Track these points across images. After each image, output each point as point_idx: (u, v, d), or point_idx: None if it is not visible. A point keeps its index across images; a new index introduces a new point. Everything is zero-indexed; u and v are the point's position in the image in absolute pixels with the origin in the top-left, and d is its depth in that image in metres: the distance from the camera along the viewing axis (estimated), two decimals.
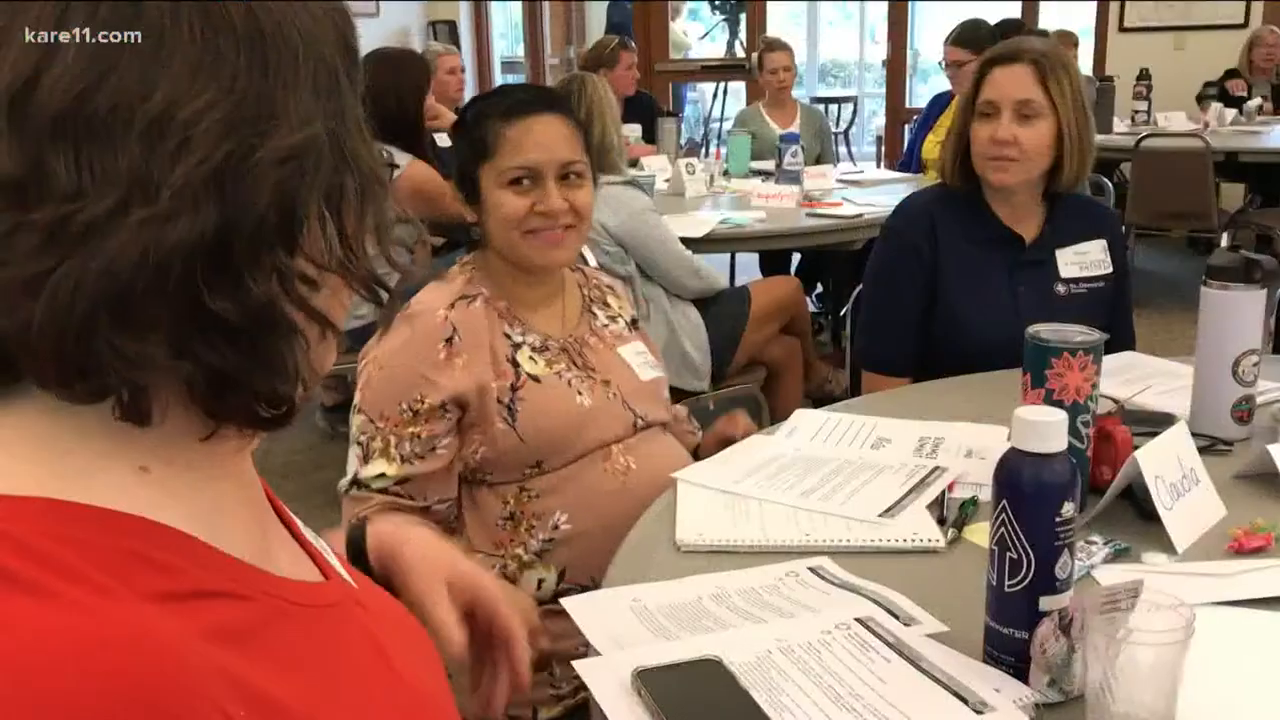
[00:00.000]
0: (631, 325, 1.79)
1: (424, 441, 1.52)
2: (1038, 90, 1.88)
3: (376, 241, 0.69)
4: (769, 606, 1.09)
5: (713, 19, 12.19)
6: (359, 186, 0.66)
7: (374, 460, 1.52)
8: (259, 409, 0.62)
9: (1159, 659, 0.85)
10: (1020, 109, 1.88)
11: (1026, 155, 1.89)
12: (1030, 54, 1.90)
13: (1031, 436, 0.93)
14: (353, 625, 0.72)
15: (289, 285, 0.61)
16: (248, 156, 0.58)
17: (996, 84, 1.91)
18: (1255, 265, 1.46)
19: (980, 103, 1.92)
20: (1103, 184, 3.98)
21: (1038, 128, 1.88)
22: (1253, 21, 7.18)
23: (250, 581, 0.63)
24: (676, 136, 4.95)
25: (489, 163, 1.59)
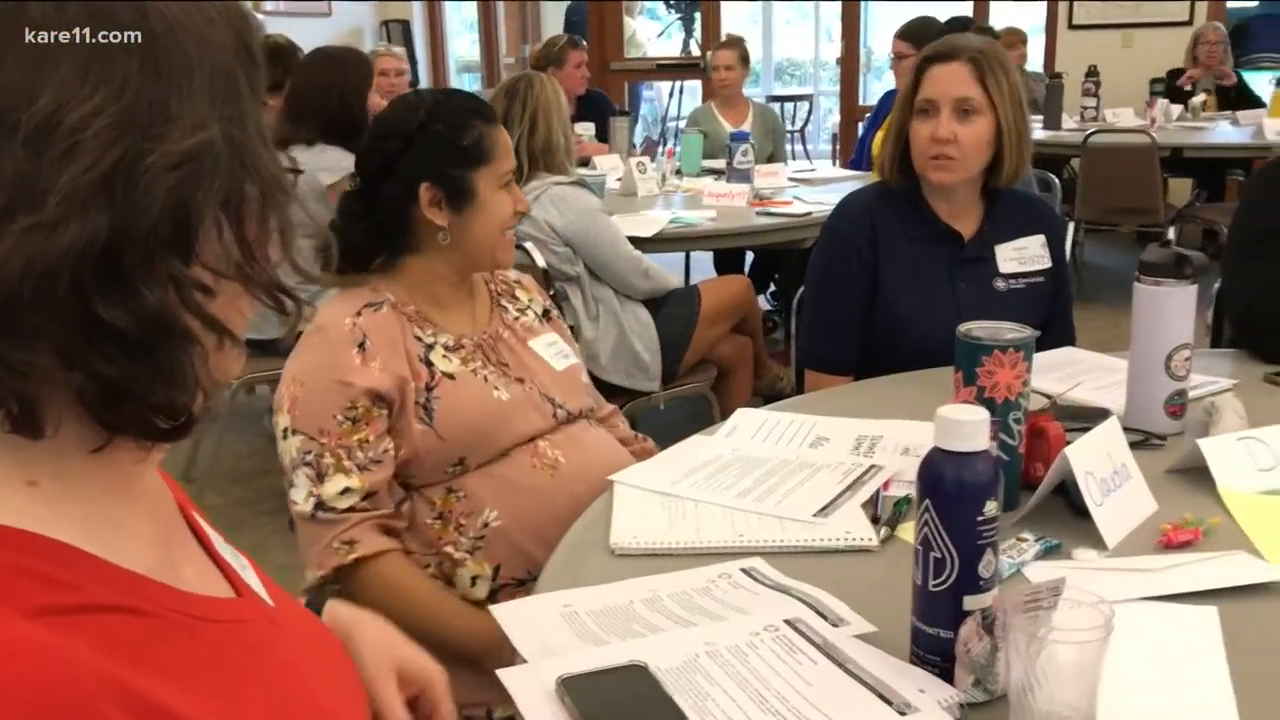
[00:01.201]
0: (544, 316, 1.79)
1: (373, 445, 1.50)
2: (976, 88, 1.88)
3: (282, 248, 0.68)
4: (699, 609, 1.09)
5: (669, 17, 12.19)
6: (260, 192, 0.64)
7: (331, 477, 1.50)
8: (155, 420, 0.60)
9: (1079, 657, 0.84)
10: (959, 106, 1.88)
11: (966, 153, 1.89)
12: (967, 52, 1.90)
13: (953, 435, 0.92)
14: (261, 642, 0.71)
15: (184, 293, 0.59)
16: (138, 162, 0.56)
17: (935, 81, 1.91)
18: (1186, 261, 1.47)
19: (919, 100, 1.92)
20: (1049, 180, 4.01)
21: (976, 125, 1.89)
22: (1197, 19, 7.29)
23: (146, 595, 0.62)
24: (629, 135, 4.94)
25: (488, 166, 1.62)
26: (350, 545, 1.48)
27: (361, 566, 1.49)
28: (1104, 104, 6.17)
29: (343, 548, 1.48)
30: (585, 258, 2.90)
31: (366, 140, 1.65)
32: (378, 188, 1.60)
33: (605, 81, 8.73)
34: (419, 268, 1.63)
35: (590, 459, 1.62)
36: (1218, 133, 5.82)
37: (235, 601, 0.72)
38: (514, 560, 1.55)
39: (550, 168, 2.94)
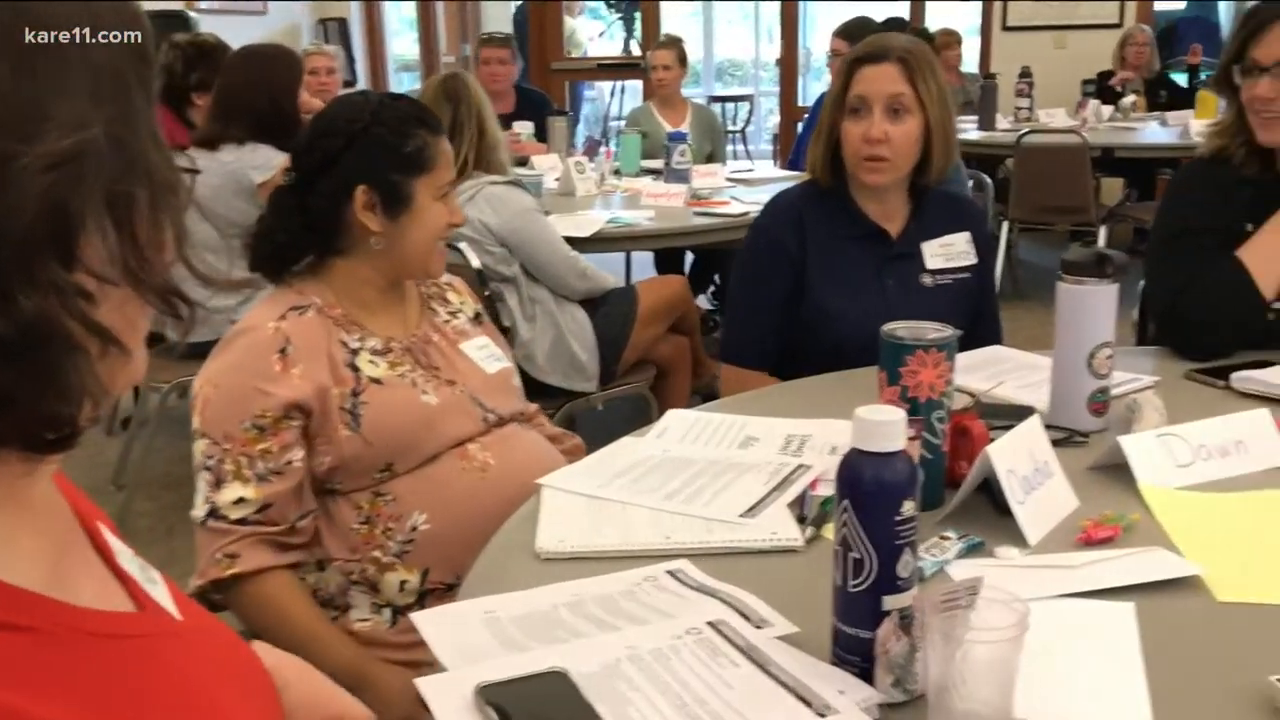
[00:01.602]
0: (475, 319, 1.78)
1: (276, 456, 1.48)
2: (906, 87, 1.91)
3: (176, 250, 0.66)
4: (623, 613, 1.08)
5: (610, 16, 12.19)
6: (150, 193, 0.62)
7: (228, 484, 1.47)
8: (38, 430, 0.58)
9: (995, 655, 0.85)
10: (891, 104, 1.90)
11: (898, 153, 1.92)
12: (896, 52, 1.92)
13: (871, 436, 0.93)
14: (162, 658, 0.69)
15: (66, 299, 0.57)
16: (9, 163, 0.54)
17: (867, 80, 1.92)
18: (1107, 260, 1.49)
19: (851, 98, 1.93)
20: (982, 180, 4.06)
21: (907, 125, 1.91)
22: (1127, 21, 7.43)
23: (36, 612, 0.60)
24: (567, 135, 4.92)
25: (428, 175, 1.60)
26: (232, 559, 1.46)
27: (241, 582, 1.46)
28: (1037, 104, 6.27)
29: (224, 560, 1.46)
30: (521, 258, 2.88)
31: (306, 136, 1.62)
32: (313, 184, 1.58)
33: (546, 81, 8.70)
34: (348, 271, 1.61)
35: (520, 461, 1.61)
36: (1147, 133, 5.93)
37: (135, 616, 0.70)
38: (443, 564, 1.54)
39: (490, 167, 2.92)
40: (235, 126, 3.25)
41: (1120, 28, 7.31)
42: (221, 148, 3.24)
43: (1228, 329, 1.84)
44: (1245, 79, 1.86)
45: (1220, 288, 1.84)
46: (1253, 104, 1.86)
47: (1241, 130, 1.92)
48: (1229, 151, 1.95)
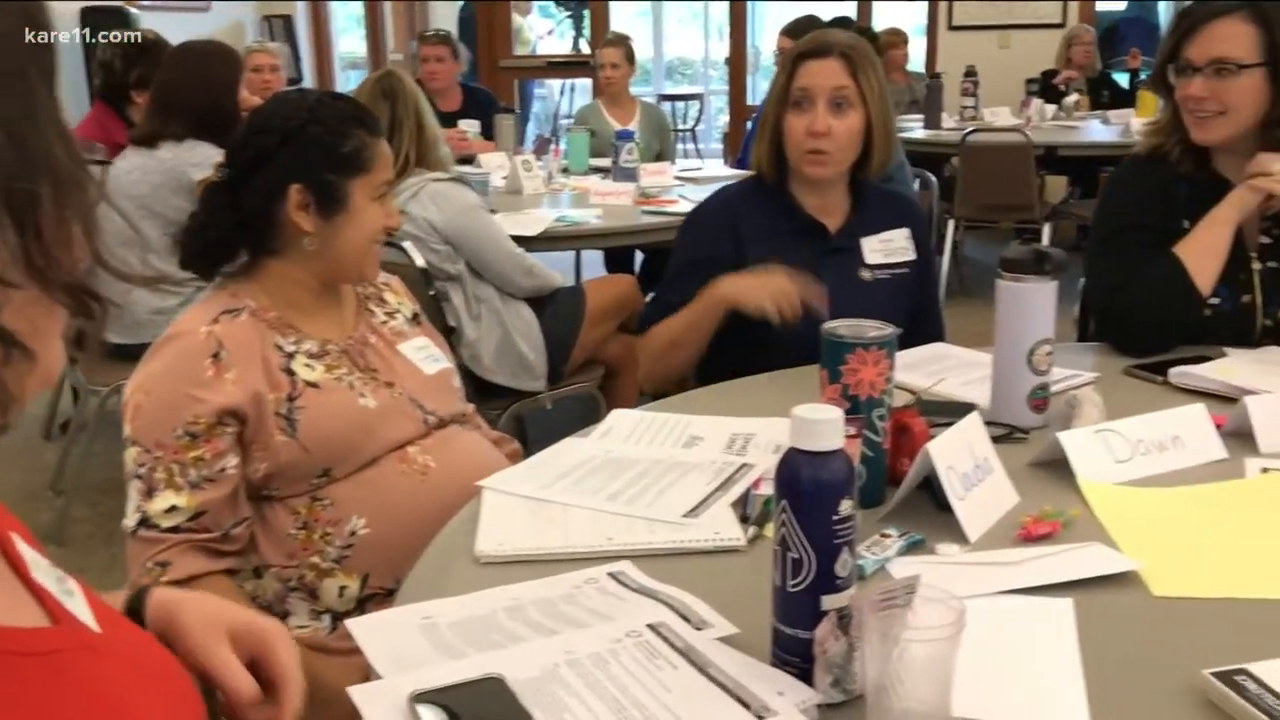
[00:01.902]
0: (413, 320, 1.75)
1: (209, 464, 1.45)
2: (849, 80, 1.93)
3: (89, 248, 0.64)
4: (563, 617, 1.07)
5: (559, 14, 12.16)
6: (54, 191, 0.60)
7: (160, 493, 1.44)
8: None
9: (933, 654, 0.85)
10: (834, 98, 1.92)
11: (840, 146, 1.93)
12: (839, 47, 1.94)
13: (808, 435, 0.92)
14: (76, 672, 0.66)
15: None
16: None
17: (811, 74, 1.94)
18: (1046, 257, 1.50)
19: (794, 91, 1.95)
20: (927, 179, 4.09)
21: (849, 119, 1.93)
22: (1070, 21, 7.53)
23: None
24: (515, 133, 4.90)
25: (365, 176, 1.57)
26: (163, 567, 1.43)
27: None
28: (982, 103, 6.33)
29: (156, 569, 1.43)
30: (466, 256, 2.85)
31: (241, 132, 1.59)
32: (246, 181, 1.55)
33: (495, 79, 8.66)
34: (281, 272, 1.58)
35: (461, 463, 1.59)
36: (1090, 131, 6.01)
37: (48, 631, 0.68)
38: (383, 569, 1.51)
39: (432, 164, 2.89)
40: (174, 124, 3.20)
41: (1063, 27, 7.40)
42: (160, 145, 3.18)
43: (1166, 325, 1.87)
44: (1179, 78, 1.89)
45: (1158, 284, 1.86)
46: (1186, 103, 1.88)
47: (1177, 129, 1.95)
48: (1165, 150, 1.97)
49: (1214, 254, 1.86)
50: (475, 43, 8.70)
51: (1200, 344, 1.87)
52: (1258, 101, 1.82)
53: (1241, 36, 1.81)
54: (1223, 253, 1.86)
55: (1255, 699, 0.87)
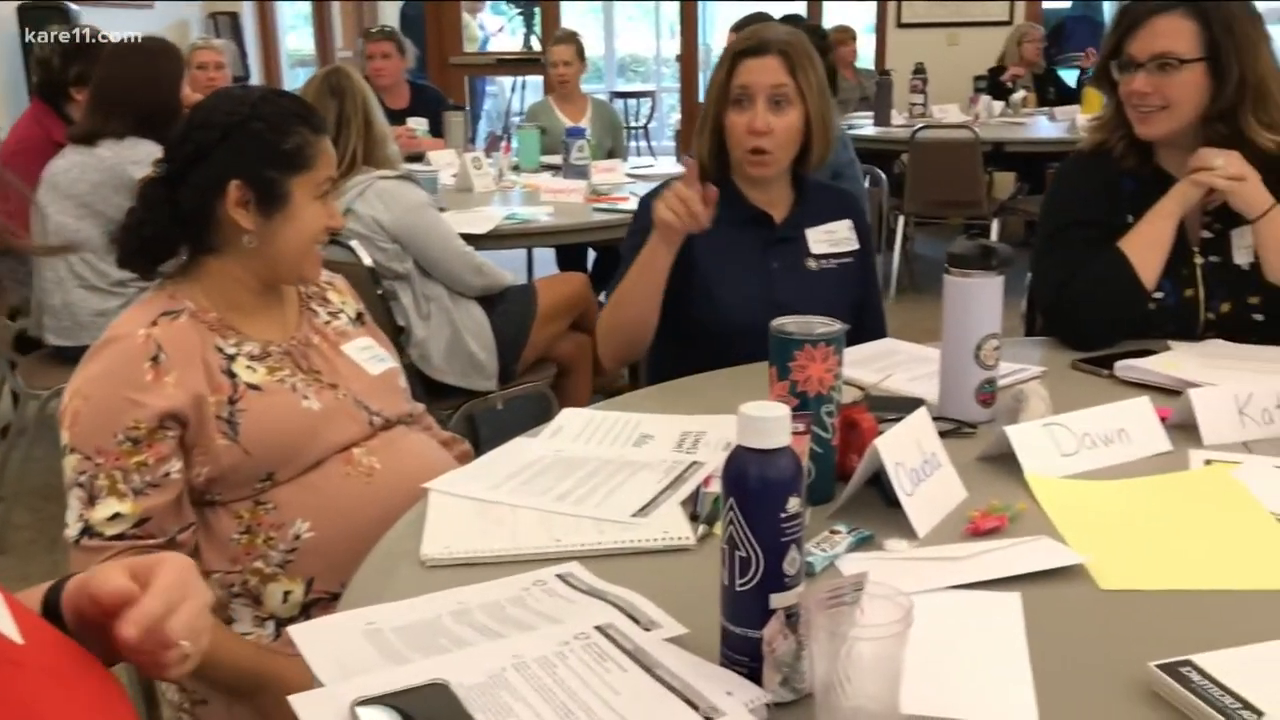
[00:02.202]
0: (357, 319, 1.73)
1: (152, 469, 1.41)
2: (787, 78, 1.94)
3: None
4: (510, 620, 1.05)
5: (510, 11, 12.10)
6: None
7: (103, 500, 1.40)
8: None
9: (881, 651, 0.84)
10: (773, 96, 1.93)
11: (780, 144, 1.95)
12: (777, 45, 1.95)
13: (755, 433, 0.91)
14: None
15: None
16: None
17: (750, 72, 1.95)
18: (992, 253, 1.51)
19: (735, 88, 1.96)
20: (876, 176, 4.11)
21: (789, 116, 1.94)
22: (1017, 18, 7.61)
23: None
24: (465, 130, 4.86)
25: (307, 174, 1.55)
26: None
27: None
28: (931, 100, 6.38)
29: None
30: (415, 254, 2.82)
31: (181, 127, 1.55)
32: (185, 176, 1.51)
33: (445, 76, 8.60)
34: (220, 272, 1.55)
35: (407, 465, 1.57)
36: (1036, 128, 6.08)
37: None
38: (328, 574, 1.49)
39: (380, 162, 2.85)
40: (114, 121, 3.13)
41: (1010, 25, 7.48)
42: (100, 143, 3.12)
43: (1111, 318, 1.89)
44: (1122, 74, 1.91)
45: (1103, 278, 1.88)
46: (1130, 99, 1.90)
47: (1121, 125, 1.97)
48: (1109, 146, 1.99)
49: (1157, 248, 1.88)
50: (424, 40, 8.64)
51: (1145, 338, 1.89)
52: (1199, 96, 1.85)
53: (1182, 32, 1.83)
54: (1166, 247, 1.88)
55: (1200, 690, 0.88)
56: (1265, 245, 1.84)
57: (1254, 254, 1.87)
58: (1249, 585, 1.10)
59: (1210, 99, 1.85)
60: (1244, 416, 1.49)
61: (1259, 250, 1.86)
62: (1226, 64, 1.82)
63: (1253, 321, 1.89)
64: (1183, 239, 1.90)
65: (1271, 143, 1.84)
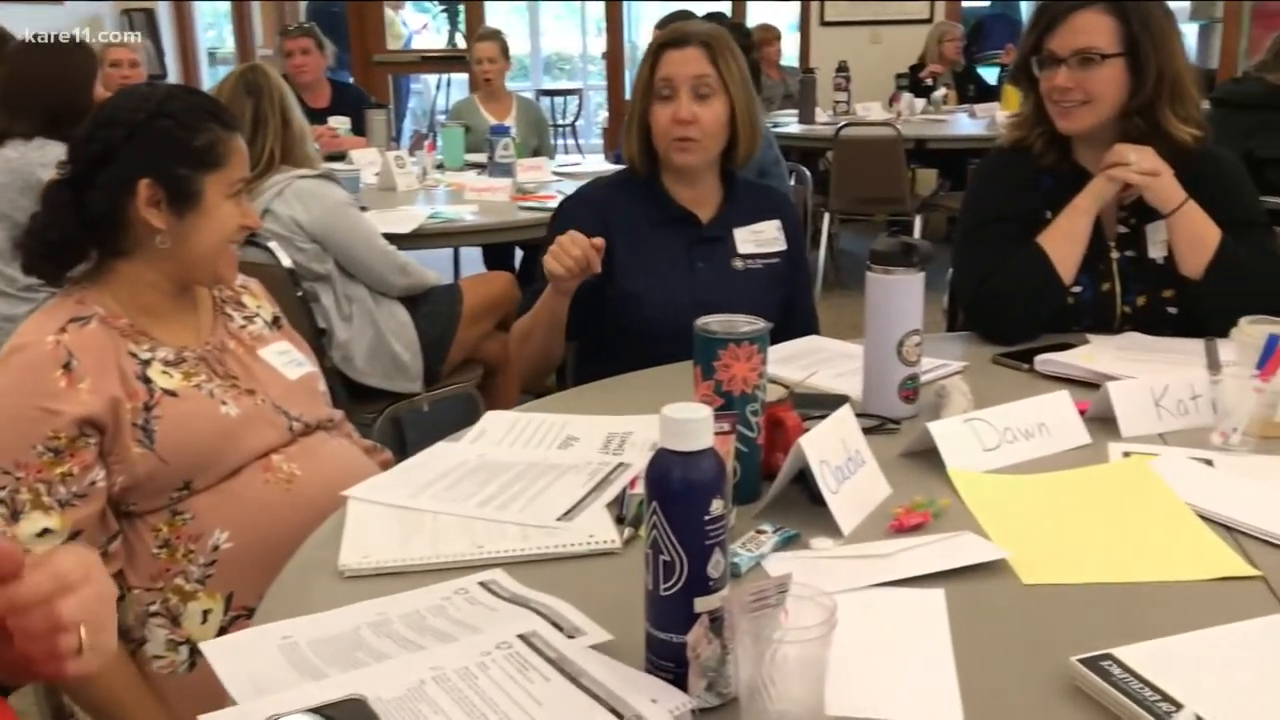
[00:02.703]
0: (273, 323, 1.69)
1: (78, 479, 1.37)
2: (710, 68, 1.94)
3: None
4: (431, 631, 1.03)
5: (434, 9, 11.97)
6: None
7: (27, 515, 1.35)
8: None
9: (805, 654, 0.84)
10: (697, 87, 1.93)
11: (707, 133, 1.95)
12: (699, 36, 1.96)
13: (677, 434, 0.90)
14: None
15: None
16: None
17: (672, 64, 1.95)
18: (913, 250, 1.51)
19: (658, 81, 1.96)
20: (802, 173, 4.13)
21: (714, 106, 1.94)
22: (937, 17, 7.71)
23: None
24: (388, 128, 4.79)
25: (219, 172, 1.50)
26: None
27: None
28: (855, 98, 6.44)
29: None
30: (336, 255, 2.77)
31: (86, 127, 1.49)
32: (91, 178, 1.46)
33: (368, 74, 8.49)
34: (131, 275, 1.50)
35: (328, 471, 1.53)
36: (957, 125, 6.16)
37: None
38: (247, 587, 1.45)
39: (299, 161, 2.79)
40: (21, 122, 3.03)
41: (930, 23, 7.58)
42: (6, 144, 3.01)
43: (1030, 313, 1.91)
44: (1043, 71, 1.93)
45: (1022, 273, 1.90)
46: (1051, 94, 1.93)
47: (1040, 121, 1.99)
48: (1028, 142, 2.02)
49: (1074, 243, 1.91)
50: (346, 37, 8.52)
51: (1064, 331, 1.92)
52: (1119, 90, 1.88)
53: (1102, 27, 1.86)
54: (1083, 241, 1.91)
55: (1120, 684, 0.88)
56: (1178, 240, 1.88)
57: (1168, 248, 1.91)
58: (1167, 576, 1.11)
59: (1129, 94, 1.88)
60: (1160, 408, 1.51)
61: (1172, 244, 1.89)
62: (1145, 59, 1.85)
63: (1167, 314, 1.93)
64: (1099, 234, 1.93)
65: (1188, 135, 1.88)
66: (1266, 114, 3.66)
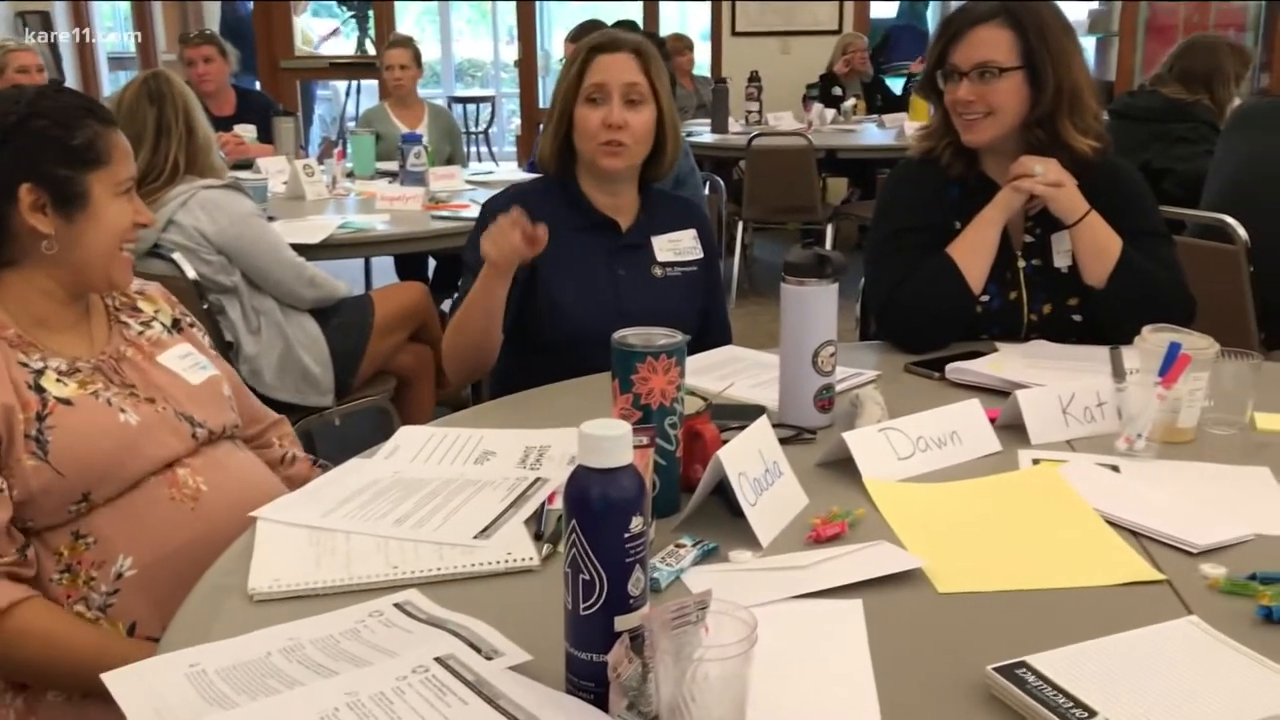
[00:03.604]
0: (173, 327, 1.64)
1: None
2: (642, 77, 1.96)
3: None
4: (345, 655, 1.00)
5: (344, 14, 11.80)
6: None
7: None
8: None
9: (725, 671, 0.83)
10: (628, 93, 1.94)
11: (636, 139, 1.96)
12: (631, 44, 1.98)
13: (596, 452, 0.89)
14: None
15: None
16: None
17: (605, 69, 1.96)
18: (826, 261, 1.53)
19: (588, 87, 1.96)
20: (716, 182, 4.16)
21: (643, 113, 1.97)
22: (846, 27, 7.83)
23: None
24: (296, 136, 4.70)
25: (104, 170, 1.45)
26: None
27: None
28: (766, 108, 6.50)
29: None
30: (242, 266, 2.71)
31: None
32: None
33: (276, 80, 8.33)
34: (20, 284, 1.44)
35: (236, 488, 1.49)
36: (866, 134, 6.26)
37: None
38: (151, 616, 1.40)
39: (204, 170, 2.72)
40: None
41: (839, 33, 7.69)
42: None
43: (940, 321, 1.94)
44: (947, 84, 1.97)
45: (932, 282, 1.93)
46: (955, 107, 1.96)
47: (948, 132, 2.03)
48: (937, 153, 2.06)
49: (983, 253, 1.94)
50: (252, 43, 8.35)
51: (973, 339, 1.96)
52: (1019, 102, 1.92)
53: (1001, 41, 1.90)
54: (991, 251, 1.95)
55: (1035, 691, 0.90)
56: (1081, 249, 1.93)
57: (1072, 257, 1.95)
58: (1077, 583, 1.14)
59: (1030, 105, 1.92)
60: (1068, 416, 1.54)
61: (1076, 254, 1.94)
62: (1043, 71, 1.89)
63: (1072, 322, 1.98)
64: (1007, 243, 1.97)
65: (1087, 146, 1.93)
66: (1162, 126, 3.78)
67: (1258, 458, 1.46)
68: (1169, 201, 3.19)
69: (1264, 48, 7.96)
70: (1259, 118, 3.03)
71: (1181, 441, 1.51)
